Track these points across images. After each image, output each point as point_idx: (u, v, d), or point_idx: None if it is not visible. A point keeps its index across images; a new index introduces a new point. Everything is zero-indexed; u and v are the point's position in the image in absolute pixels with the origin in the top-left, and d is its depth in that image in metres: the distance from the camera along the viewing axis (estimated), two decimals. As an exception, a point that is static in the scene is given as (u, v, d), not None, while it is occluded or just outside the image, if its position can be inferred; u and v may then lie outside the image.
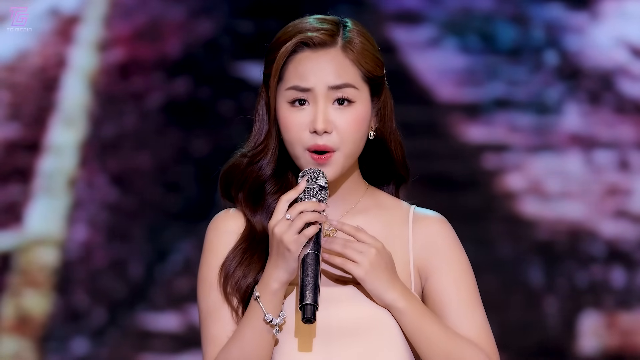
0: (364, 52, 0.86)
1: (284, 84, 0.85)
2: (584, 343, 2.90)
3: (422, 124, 2.92)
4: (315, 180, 0.80)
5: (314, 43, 0.84)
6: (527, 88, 3.00)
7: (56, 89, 3.04)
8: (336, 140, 0.83)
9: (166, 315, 2.94)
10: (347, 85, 0.84)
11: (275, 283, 0.78)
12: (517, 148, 2.98)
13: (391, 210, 0.90)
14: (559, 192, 2.95)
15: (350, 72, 0.85)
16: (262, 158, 0.87)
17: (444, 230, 0.89)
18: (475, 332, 0.84)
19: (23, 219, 2.98)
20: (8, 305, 2.91)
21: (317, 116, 0.82)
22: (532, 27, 3.03)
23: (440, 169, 2.90)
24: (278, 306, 0.79)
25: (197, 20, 3.07)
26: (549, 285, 2.92)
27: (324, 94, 0.83)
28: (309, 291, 0.75)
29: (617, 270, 2.93)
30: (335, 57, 0.85)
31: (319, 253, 0.78)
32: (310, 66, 0.84)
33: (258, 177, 0.87)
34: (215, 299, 0.84)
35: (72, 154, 3.01)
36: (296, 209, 0.77)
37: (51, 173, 3.00)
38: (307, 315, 0.74)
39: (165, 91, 3.04)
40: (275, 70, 0.85)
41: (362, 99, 0.85)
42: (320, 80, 0.83)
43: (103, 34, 3.07)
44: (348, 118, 0.84)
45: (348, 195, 0.90)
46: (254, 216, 0.86)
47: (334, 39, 0.85)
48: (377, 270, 0.81)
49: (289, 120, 0.84)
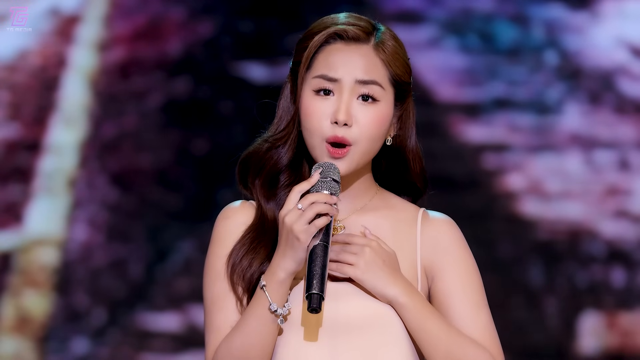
0: (395, 55, 0.87)
1: (312, 72, 0.85)
2: (584, 343, 2.90)
3: (422, 124, 2.91)
4: (329, 173, 0.80)
5: (348, 36, 0.85)
6: (527, 88, 3.00)
7: (56, 89, 3.03)
8: (355, 134, 0.83)
9: (166, 315, 2.94)
10: (374, 83, 0.85)
11: (282, 272, 0.78)
12: (517, 148, 2.98)
13: (400, 212, 0.91)
14: (559, 192, 2.95)
15: (380, 71, 0.85)
16: (282, 145, 0.87)
17: (451, 232, 0.90)
18: (480, 333, 0.84)
19: (23, 219, 2.98)
20: (8, 305, 2.91)
21: (340, 107, 0.83)
22: (532, 27, 3.03)
23: (440, 169, 2.90)
24: (284, 296, 0.79)
25: (197, 20, 3.07)
26: (549, 285, 2.92)
27: (350, 87, 0.84)
28: (316, 281, 0.75)
29: (617, 270, 2.93)
30: (367, 54, 0.85)
31: (328, 245, 0.78)
32: (340, 57, 0.85)
33: (275, 164, 0.87)
34: (220, 288, 0.84)
35: (72, 154, 3.01)
36: (308, 199, 0.77)
37: (51, 173, 3.00)
38: (313, 304, 0.74)
39: (165, 91, 3.04)
40: (306, 58, 0.85)
41: (387, 100, 0.86)
42: (349, 73, 0.84)
43: (103, 34, 3.07)
44: (370, 115, 0.84)
45: (358, 195, 0.90)
46: (267, 204, 0.87)
47: (368, 36, 0.86)
48: (374, 267, 0.81)
49: (311, 107, 0.85)
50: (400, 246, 0.86)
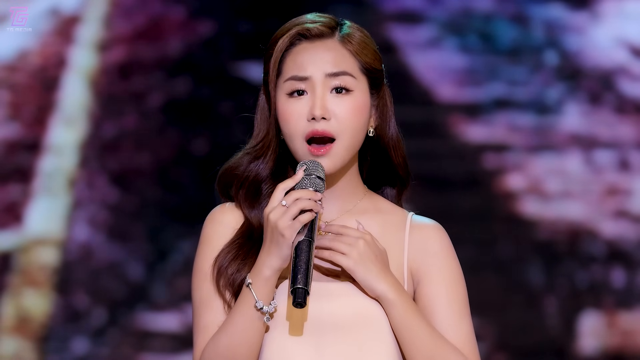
0: (363, 44, 0.87)
1: (283, 77, 0.85)
2: (584, 343, 2.90)
3: (422, 124, 2.91)
4: (313, 170, 0.80)
5: (311, 34, 0.85)
6: (527, 88, 3.00)
7: (56, 89, 3.03)
8: (335, 127, 0.83)
9: (166, 315, 2.94)
10: (345, 73, 0.84)
11: (268, 270, 0.78)
12: (517, 148, 2.98)
13: (389, 215, 0.91)
14: (559, 192, 2.95)
15: (349, 61, 0.85)
16: (263, 156, 0.87)
17: (439, 238, 0.89)
18: (461, 341, 0.83)
19: (23, 219, 2.98)
20: (8, 305, 2.91)
21: (315, 102, 0.82)
22: (532, 27, 3.03)
23: (440, 169, 2.90)
24: (269, 294, 0.79)
25: (197, 20, 3.07)
26: (549, 285, 2.92)
27: (322, 82, 0.83)
28: (301, 275, 0.75)
29: (617, 270, 2.93)
30: (333, 47, 0.85)
31: (312, 240, 0.78)
32: (307, 56, 0.84)
33: (257, 175, 0.87)
34: (208, 290, 0.84)
35: (72, 154, 3.01)
36: (292, 196, 0.77)
37: (51, 173, 3.00)
38: (298, 299, 0.74)
39: (165, 91, 3.04)
40: (274, 63, 0.85)
41: (361, 89, 0.86)
42: (318, 69, 0.84)
43: (103, 34, 3.07)
44: (346, 105, 0.84)
45: (346, 197, 0.90)
46: (251, 212, 0.87)
47: (332, 31, 0.86)
48: (367, 261, 0.81)
49: (287, 110, 0.84)
50: (387, 249, 0.85)
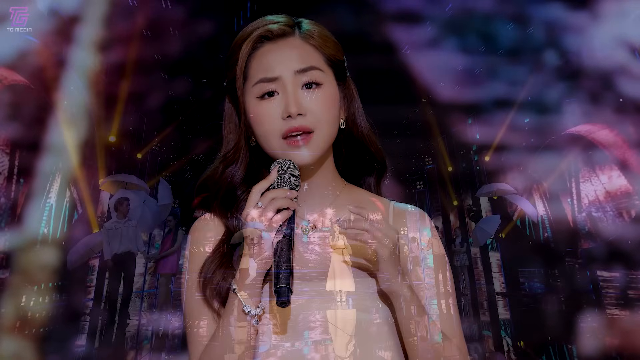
0: (324, 37, 0.87)
1: (250, 81, 0.85)
2: (584, 343, 2.90)
3: (422, 124, 2.91)
4: (287, 169, 0.81)
5: (273, 35, 0.85)
6: (527, 88, 3.01)
7: (56, 89, 3.04)
8: (311, 121, 0.83)
9: (166, 315, 2.94)
10: (313, 68, 0.84)
11: (252, 272, 0.78)
12: (517, 148, 2.98)
13: (370, 205, 0.91)
14: (559, 192, 2.95)
15: (314, 56, 0.86)
16: (235, 162, 0.88)
17: (422, 221, 0.90)
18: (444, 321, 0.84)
19: (23, 219, 2.98)
20: (8, 305, 2.92)
21: (289, 101, 0.82)
22: (532, 27, 3.04)
23: (440, 169, 2.90)
24: (256, 297, 0.79)
25: (197, 20, 3.08)
26: (549, 285, 2.92)
27: (292, 80, 0.83)
28: (282, 275, 0.75)
29: (617, 270, 2.93)
30: (297, 45, 0.86)
31: (292, 238, 0.78)
32: (273, 56, 0.84)
33: (230, 183, 0.88)
34: (197, 301, 0.84)
35: (72, 154, 3.01)
36: (268, 196, 0.77)
37: (51, 173, 3.00)
38: (282, 298, 0.74)
39: (165, 91, 3.05)
40: (240, 69, 0.85)
41: (329, 81, 0.86)
42: (286, 68, 0.84)
43: (103, 34, 3.07)
44: (319, 99, 0.84)
45: (325, 191, 0.90)
46: (229, 220, 0.87)
47: (292, 29, 0.87)
48: (394, 256, 0.81)
49: (260, 113, 0.84)
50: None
